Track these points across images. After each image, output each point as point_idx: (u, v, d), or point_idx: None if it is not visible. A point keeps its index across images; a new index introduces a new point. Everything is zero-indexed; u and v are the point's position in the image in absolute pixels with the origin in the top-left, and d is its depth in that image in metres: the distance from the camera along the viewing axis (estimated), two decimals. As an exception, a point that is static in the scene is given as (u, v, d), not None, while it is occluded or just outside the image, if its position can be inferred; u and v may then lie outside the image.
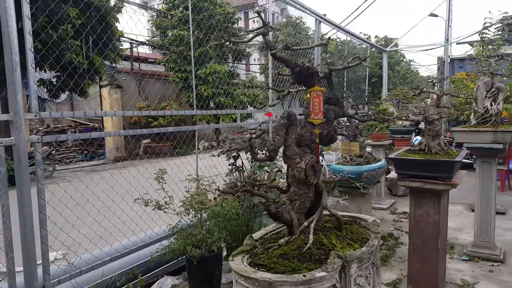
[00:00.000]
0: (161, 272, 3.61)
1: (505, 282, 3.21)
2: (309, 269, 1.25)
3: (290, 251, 1.34)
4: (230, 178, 3.98)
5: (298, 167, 1.41)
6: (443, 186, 2.64)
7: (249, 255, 1.42)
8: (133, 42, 15.90)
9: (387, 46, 24.30)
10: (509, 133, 3.43)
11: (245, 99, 15.41)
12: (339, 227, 1.50)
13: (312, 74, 1.46)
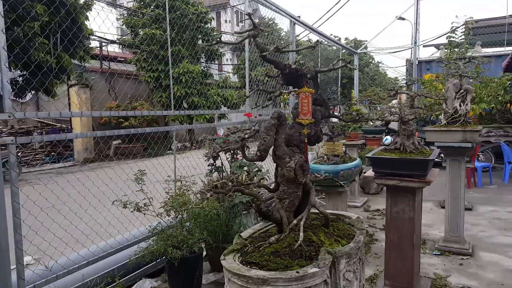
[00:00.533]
0: (139, 275, 3.56)
1: (474, 275, 3.38)
2: (301, 265, 1.28)
3: (281, 248, 1.36)
4: (209, 178, 3.97)
5: (288, 167, 1.44)
6: (418, 183, 2.75)
7: (240, 253, 1.43)
8: (103, 40, 15.51)
9: (357, 48, 24.86)
10: (477, 132, 3.61)
11: (219, 99, 15.36)
12: (327, 224, 1.54)
13: (300, 75, 1.49)
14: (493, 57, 9.70)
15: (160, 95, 14.85)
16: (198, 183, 4.24)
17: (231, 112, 9.51)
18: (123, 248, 3.49)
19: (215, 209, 3.10)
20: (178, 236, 2.95)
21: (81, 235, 3.26)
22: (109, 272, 3.29)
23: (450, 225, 4.01)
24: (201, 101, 15.02)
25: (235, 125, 4.47)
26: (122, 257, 3.46)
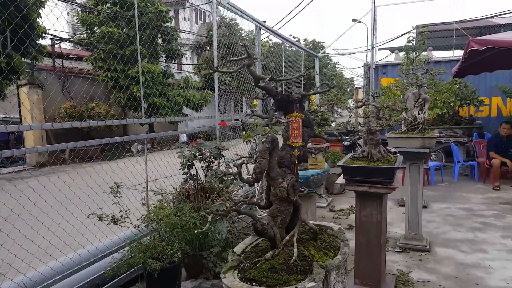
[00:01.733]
0: (114, 286, 3.53)
1: (432, 269, 3.68)
2: (297, 280, 1.40)
3: (277, 264, 1.47)
4: (182, 187, 4.00)
5: (281, 187, 1.55)
6: (385, 189, 2.97)
7: (238, 270, 1.53)
8: (56, 38, 14.83)
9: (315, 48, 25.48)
10: (434, 139, 3.93)
11: (181, 100, 15.20)
12: (315, 238, 1.67)
13: (291, 101, 1.61)
14: (442, 62, 10.42)
15: (118, 96, 14.44)
16: (168, 188, 4.28)
17: (201, 118, 9.37)
18: (97, 260, 3.46)
19: (192, 218, 3.15)
20: (157, 247, 2.98)
21: (49, 246, 3.19)
22: (84, 285, 3.26)
23: (410, 224, 4.32)
24: (162, 102, 14.80)
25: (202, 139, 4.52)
26: (96, 269, 3.43)
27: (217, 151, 3.58)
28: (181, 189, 4.23)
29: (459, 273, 3.56)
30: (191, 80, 16.66)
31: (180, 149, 3.73)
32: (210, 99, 16.53)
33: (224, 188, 3.76)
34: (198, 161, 3.70)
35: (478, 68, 7.66)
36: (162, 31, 15.26)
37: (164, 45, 15.80)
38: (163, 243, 3.04)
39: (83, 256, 3.43)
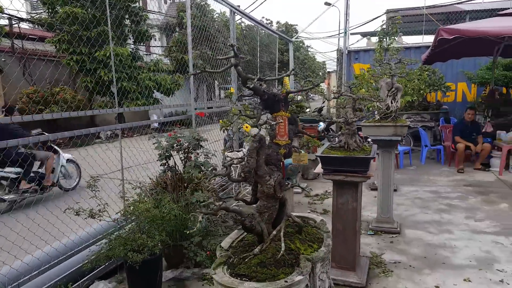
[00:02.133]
0: (91, 278, 3.51)
1: (403, 251, 3.88)
2: (285, 273, 1.46)
3: (266, 259, 1.53)
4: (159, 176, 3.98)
5: (268, 184, 1.60)
6: (361, 178, 3.08)
7: (227, 266, 1.57)
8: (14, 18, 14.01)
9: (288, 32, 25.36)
10: (405, 127, 4.08)
11: (151, 84, 14.86)
12: (300, 231, 1.73)
13: (278, 100, 1.63)
14: (412, 48, 10.68)
15: (85, 80, 13.92)
16: (143, 177, 4.26)
17: (177, 106, 9.16)
18: (74, 254, 3.42)
19: (173, 210, 3.16)
20: (138, 240, 2.98)
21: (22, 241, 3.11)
22: (62, 279, 3.23)
23: (382, 208, 4.50)
24: (131, 86, 14.42)
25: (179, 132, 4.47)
26: (74, 262, 3.40)
27: (196, 142, 3.57)
28: (158, 179, 4.22)
29: (428, 253, 3.78)
30: (162, 63, 16.26)
31: (157, 140, 3.69)
32: (182, 83, 16.24)
33: (203, 178, 3.77)
34: (176, 152, 3.69)
35: (446, 56, 7.94)
36: (130, 11, 14.74)
37: (132, 27, 15.30)
38: (143, 236, 3.04)
39: (59, 250, 3.38)
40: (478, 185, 6.17)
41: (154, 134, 3.75)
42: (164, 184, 4.06)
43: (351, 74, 10.68)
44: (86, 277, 3.44)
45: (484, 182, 6.34)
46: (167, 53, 19.19)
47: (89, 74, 13.93)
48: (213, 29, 15.30)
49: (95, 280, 3.51)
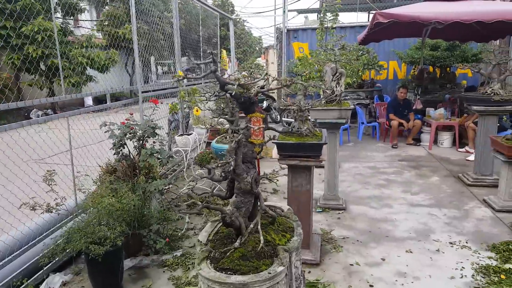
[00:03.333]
0: (46, 272, 3.40)
1: (349, 226, 4.22)
2: (266, 264, 1.59)
3: (246, 252, 1.64)
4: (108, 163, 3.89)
5: (245, 182, 1.69)
6: (314, 162, 3.28)
7: (210, 260, 1.65)
8: None
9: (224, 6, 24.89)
10: (349, 110, 4.35)
11: (84, 60, 13.93)
12: (273, 222, 1.86)
13: (253, 103, 1.70)
14: (348, 28, 11.13)
15: (10, 56, 12.66)
16: (88, 161, 4.13)
17: (124, 90, 8.54)
18: (28, 248, 3.28)
19: (132, 200, 3.14)
20: (98, 232, 2.93)
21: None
22: (17, 275, 3.11)
23: (328, 186, 4.82)
24: (63, 63, 13.41)
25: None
26: (29, 257, 3.27)
27: (152, 131, 3.53)
28: (108, 167, 4.12)
29: (372, 228, 4.16)
30: (94, 38, 15.25)
31: (109, 129, 3.59)
32: (117, 59, 15.42)
33: (157, 165, 3.75)
34: (129, 140, 3.62)
35: (380, 37, 8.42)
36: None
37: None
38: (103, 227, 3.00)
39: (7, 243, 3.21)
40: (411, 159, 6.79)
41: (107, 123, 3.63)
42: (113, 170, 3.99)
43: (291, 53, 10.92)
44: (41, 271, 3.34)
45: (416, 156, 6.99)
46: (99, 28, 17.99)
47: (15, 51, 12.69)
48: (147, 3, 14.59)
49: (49, 273, 3.42)
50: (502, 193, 4.60)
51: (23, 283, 3.12)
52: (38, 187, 3.26)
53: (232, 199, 1.86)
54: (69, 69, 13.82)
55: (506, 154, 4.38)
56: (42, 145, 3.82)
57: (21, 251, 3.20)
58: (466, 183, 5.48)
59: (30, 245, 3.30)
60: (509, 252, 3.51)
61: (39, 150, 3.85)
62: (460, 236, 3.92)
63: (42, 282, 3.30)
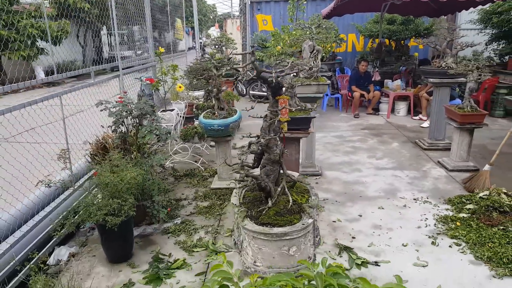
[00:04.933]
0: (51, 246, 3.59)
1: (327, 189, 4.73)
2: (296, 218, 1.98)
3: (280, 210, 2.01)
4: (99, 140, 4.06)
5: (275, 153, 2.04)
6: (303, 134, 3.69)
7: (249, 218, 2.02)
8: None
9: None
10: (326, 86, 4.77)
11: (35, 32, 13.15)
12: (293, 185, 2.24)
13: (281, 87, 2.02)
14: (309, 0, 11.42)
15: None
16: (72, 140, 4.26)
17: (106, 73, 8.17)
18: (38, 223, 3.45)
19: (141, 175, 3.39)
20: (113, 205, 3.17)
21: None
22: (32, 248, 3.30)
23: (306, 154, 5.28)
24: (12, 35, 12.60)
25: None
26: (39, 231, 3.46)
27: (152, 109, 3.73)
28: (97, 143, 4.30)
29: (347, 189, 4.70)
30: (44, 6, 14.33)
31: (107, 107, 3.74)
32: (69, 30, 14.68)
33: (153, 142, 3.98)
34: (127, 118, 3.80)
35: (343, 11, 8.86)
36: None
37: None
38: (116, 200, 3.23)
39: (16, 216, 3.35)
40: (372, 128, 7.43)
41: (102, 101, 3.77)
42: (103, 146, 4.18)
43: (255, 25, 11.10)
44: (47, 245, 3.54)
45: (377, 125, 7.65)
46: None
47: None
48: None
49: (54, 247, 3.62)
50: (454, 155, 5.32)
51: (33, 257, 3.30)
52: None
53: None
54: (18, 41, 13.05)
55: (458, 121, 5.05)
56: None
57: (32, 226, 3.36)
58: (422, 147, 6.19)
59: (39, 220, 3.46)
60: (462, 204, 4.18)
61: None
62: (421, 193, 4.56)
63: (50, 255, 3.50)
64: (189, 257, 3.43)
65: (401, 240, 3.57)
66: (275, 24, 10.83)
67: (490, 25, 8.60)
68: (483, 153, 5.90)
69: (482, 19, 8.88)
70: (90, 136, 4.51)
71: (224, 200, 4.44)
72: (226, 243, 3.62)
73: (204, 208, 4.26)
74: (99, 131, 4.64)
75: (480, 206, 3.99)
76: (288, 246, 1.82)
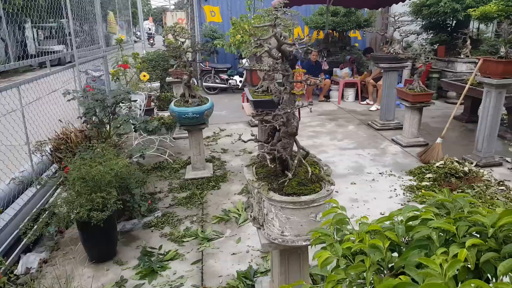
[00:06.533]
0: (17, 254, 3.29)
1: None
2: (318, 187, 2.03)
3: (301, 180, 2.05)
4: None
5: (292, 126, 2.08)
6: (284, 116, 3.76)
7: (273, 190, 2.04)
8: None
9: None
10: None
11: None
12: (306, 157, 2.30)
13: (297, 60, 2.04)
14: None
15: None
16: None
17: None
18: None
19: (125, 165, 3.23)
20: (97, 199, 2.98)
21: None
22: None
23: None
24: None
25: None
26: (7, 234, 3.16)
27: (128, 95, 3.55)
28: (57, 139, 4.01)
29: (319, 169, 4.87)
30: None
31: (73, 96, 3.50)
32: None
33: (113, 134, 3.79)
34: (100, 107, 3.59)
35: (292, 3, 9.04)
36: None
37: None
38: (99, 194, 3.04)
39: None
40: (327, 113, 7.75)
41: (69, 90, 3.52)
42: (64, 140, 3.92)
43: (203, 16, 10.95)
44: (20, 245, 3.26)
45: (330, 110, 7.99)
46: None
47: None
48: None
49: (20, 254, 3.30)
50: (407, 133, 5.75)
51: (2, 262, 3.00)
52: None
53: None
54: None
55: (410, 101, 5.47)
56: None
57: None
58: (375, 128, 6.60)
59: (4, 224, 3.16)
60: (422, 174, 4.56)
61: None
62: (385, 168, 4.88)
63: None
64: (180, 248, 3.37)
65: (379, 210, 3.82)
66: (223, 16, 10.76)
67: (421, 16, 9.33)
68: (427, 130, 6.44)
69: (414, 11, 9.61)
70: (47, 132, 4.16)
71: (203, 189, 4.39)
72: (216, 230, 3.62)
73: (183, 199, 4.17)
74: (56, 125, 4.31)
75: (439, 174, 4.38)
76: (315, 213, 1.88)
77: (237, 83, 9.75)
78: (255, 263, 3.10)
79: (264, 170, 2.29)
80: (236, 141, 6.07)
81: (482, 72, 4.40)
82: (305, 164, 2.13)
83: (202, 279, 2.97)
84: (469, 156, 4.87)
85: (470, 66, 7.82)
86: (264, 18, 5.44)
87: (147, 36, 24.89)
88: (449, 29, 9.20)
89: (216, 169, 4.97)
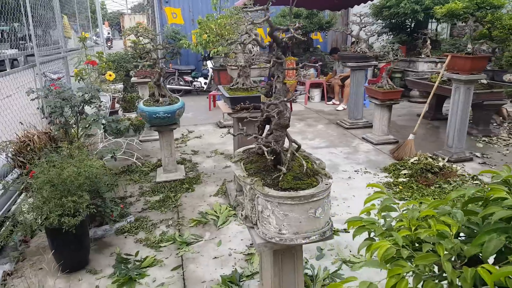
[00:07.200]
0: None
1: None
2: (314, 181, 1.95)
3: (296, 174, 1.96)
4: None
5: (285, 117, 1.98)
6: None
7: (267, 185, 1.93)
8: None
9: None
10: (266, 69, 4.82)
11: None
12: (297, 150, 2.21)
13: (288, 47, 1.96)
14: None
15: None
16: None
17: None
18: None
19: (96, 167, 3.00)
20: (68, 203, 2.74)
21: None
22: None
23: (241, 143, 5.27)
24: None
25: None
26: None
27: (98, 93, 3.31)
28: (19, 142, 3.70)
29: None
30: None
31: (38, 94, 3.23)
32: None
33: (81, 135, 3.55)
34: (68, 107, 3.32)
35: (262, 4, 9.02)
36: None
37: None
38: (70, 198, 2.81)
39: None
40: (295, 114, 7.73)
41: (32, 88, 3.23)
42: (26, 143, 3.62)
43: (164, 18, 10.68)
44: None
45: (298, 111, 7.99)
46: None
47: None
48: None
49: None
50: (377, 131, 5.85)
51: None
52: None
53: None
54: None
55: (380, 99, 5.57)
56: None
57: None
58: (345, 127, 6.68)
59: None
60: (397, 171, 4.63)
61: None
62: (359, 165, 4.92)
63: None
64: (158, 253, 3.18)
65: (359, 207, 3.77)
66: (185, 17, 10.55)
67: (381, 18, 9.62)
68: (395, 128, 6.60)
69: (374, 13, 9.89)
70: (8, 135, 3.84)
71: (177, 192, 4.20)
72: (194, 233, 3.45)
73: (156, 203, 3.97)
74: (17, 128, 4.00)
75: (414, 170, 4.46)
76: (314, 208, 1.80)
77: (202, 85, 9.60)
78: (239, 267, 2.97)
79: (253, 166, 2.18)
80: (207, 143, 5.91)
81: (450, 68, 4.55)
82: (298, 157, 2.04)
83: (184, 285, 2.80)
84: (440, 152, 5.01)
85: (431, 65, 8.14)
86: (233, 16, 5.33)
87: (107, 39, 24.26)
88: (408, 30, 9.55)
89: (189, 171, 4.79)
